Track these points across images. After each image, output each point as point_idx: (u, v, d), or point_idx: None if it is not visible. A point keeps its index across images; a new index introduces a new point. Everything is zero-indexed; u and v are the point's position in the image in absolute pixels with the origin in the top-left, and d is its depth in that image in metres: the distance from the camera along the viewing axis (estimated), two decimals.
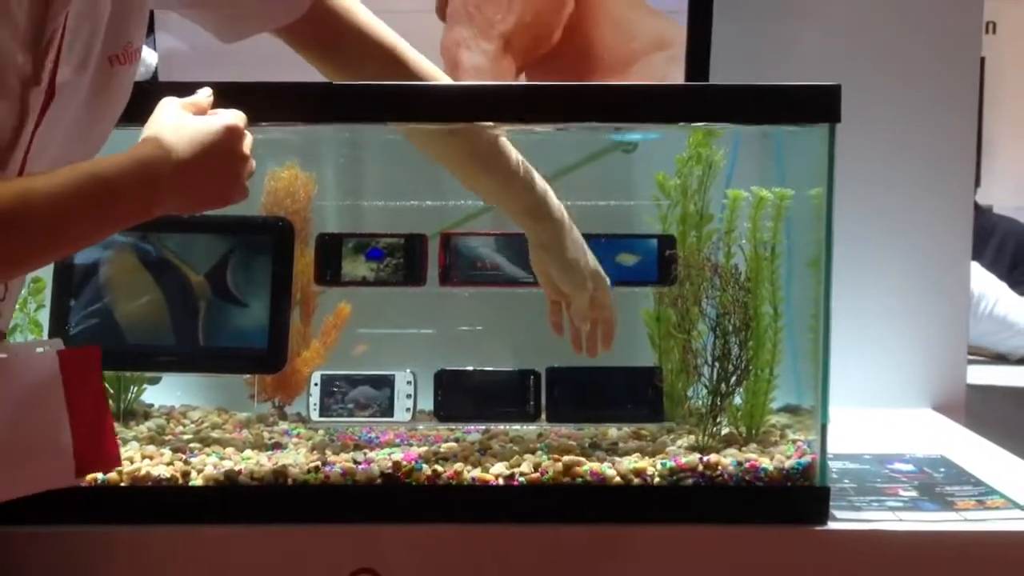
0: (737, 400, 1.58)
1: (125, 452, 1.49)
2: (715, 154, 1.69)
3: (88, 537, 1.39)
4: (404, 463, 1.46)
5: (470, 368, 1.66)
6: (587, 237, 1.62)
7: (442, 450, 1.52)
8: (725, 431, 1.58)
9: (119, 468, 1.36)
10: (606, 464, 1.47)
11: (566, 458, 1.47)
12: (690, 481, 1.45)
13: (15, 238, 0.95)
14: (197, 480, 1.43)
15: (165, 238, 1.59)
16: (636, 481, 1.45)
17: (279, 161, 1.75)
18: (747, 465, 1.44)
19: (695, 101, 1.55)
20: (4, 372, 1.07)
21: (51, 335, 1.54)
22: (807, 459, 1.45)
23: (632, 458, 1.48)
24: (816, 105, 1.44)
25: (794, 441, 1.54)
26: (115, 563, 1.39)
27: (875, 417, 1.98)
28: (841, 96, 1.42)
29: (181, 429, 1.66)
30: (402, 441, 1.60)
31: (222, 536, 1.40)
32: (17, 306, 1.62)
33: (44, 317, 1.58)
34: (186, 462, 1.46)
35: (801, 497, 1.42)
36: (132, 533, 1.39)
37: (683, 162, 1.71)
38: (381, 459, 1.47)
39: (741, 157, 1.76)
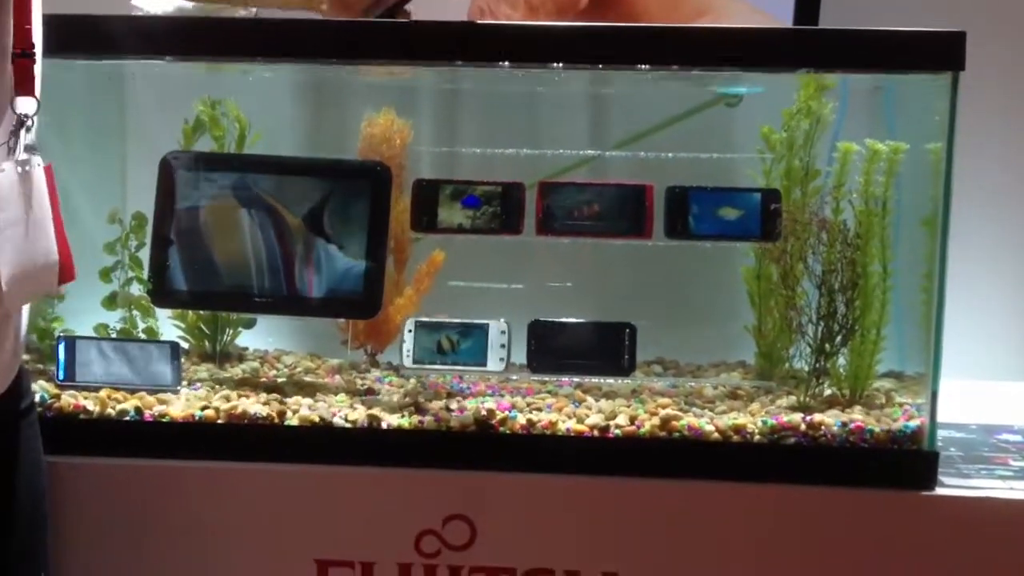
0: (841, 361, 1.53)
1: (222, 391, 1.50)
2: (824, 107, 1.63)
3: (181, 472, 1.40)
4: (499, 411, 1.44)
5: (564, 320, 1.63)
6: (689, 189, 1.58)
7: (536, 400, 1.50)
8: (828, 392, 1.53)
9: None
10: (704, 419, 1.43)
11: (663, 412, 1.44)
12: (792, 440, 1.41)
13: None
14: (293, 420, 1.42)
15: (263, 180, 1.58)
16: (735, 438, 1.41)
17: (376, 107, 1.73)
18: (852, 426, 1.40)
19: (808, 46, 1.49)
20: (28, 183, 1.05)
21: (151, 274, 1.54)
22: (915, 423, 1.40)
23: (732, 415, 1.45)
24: (939, 52, 1.38)
25: (901, 404, 1.49)
26: (209, 498, 1.40)
27: (980, 388, 1.91)
28: (965, 44, 1.36)
29: (275, 373, 1.66)
30: (493, 392, 1.58)
31: (317, 475, 1.40)
32: (119, 243, 1.64)
33: (145, 255, 1.59)
34: (282, 402, 1.46)
35: (909, 461, 1.38)
36: (227, 469, 1.40)
37: (790, 115, 1.65)
38: (475, 407, 1.46)
39: (848, 111, 1.70)
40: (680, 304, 1.79)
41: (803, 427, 1.41)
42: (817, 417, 1.41)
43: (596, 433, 1.42)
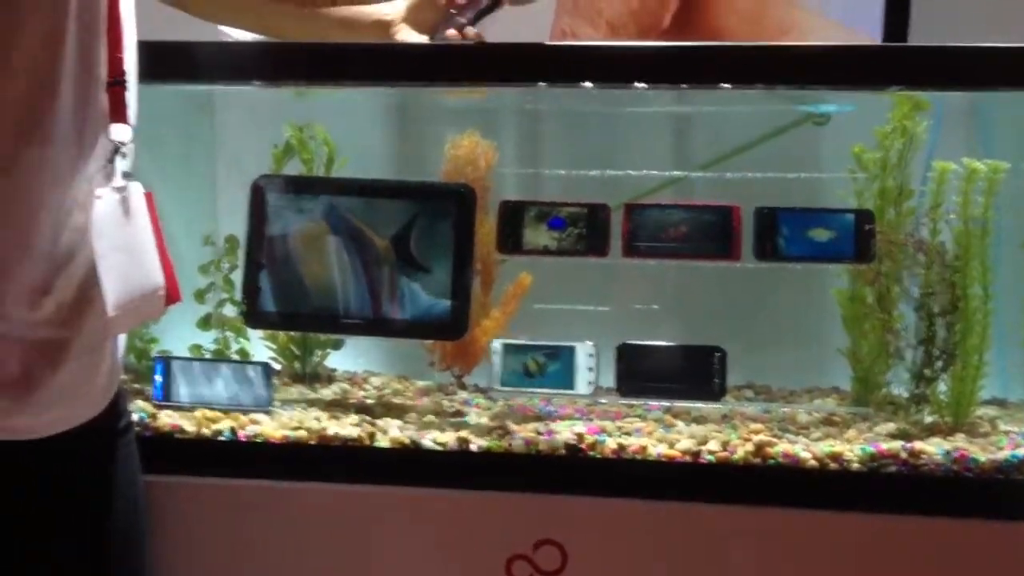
0: (941, 387, 1.49)
1: (311, 413, 1.50)
2: (918, 126, 1.60)
3: (273, 492, 1.40)
4: (588, 435, 1.43)
5: (653, 343, 1.61)
6: (778, 210, 1.56)
7: (625, 424, 1.49)
8: (928, 419, 1.49)
9: None
10: (800, 446, 1.40)
11: (757, 437, 1.41)
12: (892, 468, 1.37)
13: None
14: (383, 442, 1.42)
15: (351, 202, 1.59)
16: (833, 466, 1.38)
17: (461, 129, 1.73)
18: (956, 455, 1.36)
19: (899, 64, 1.46)
20: (127, 209, 1.05)
21: (244, 295, 1.56)
22: (1023, 452, 1.35)
23: (828, 442, 1.42)
24: None
25: (1006, 432, 1.44)
26: (301, 518, 1.40)
27: None
28: None
29: (363, 394, 1.67)
30: (581, 415, 1.57)
31: (407, 497, 1.39)
32: (211, 265, 1.67)
33: (237, 277, 1.60)
34: (371, 423, 1.46)
35: (1017, 491, 1.33)
36: (318, 490, 1.40)
37: (884, 134, 1.62)
38: (564, 430, 1.44)
39: (943, 128, 1.66)
40: (770, 327, 1.76)
41: (904, 455, 1.37)
42: (918, 445, 1.38)
43: (688, 458, 1.40)
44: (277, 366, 1.69)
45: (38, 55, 0.94)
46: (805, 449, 1.39)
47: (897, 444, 1.38)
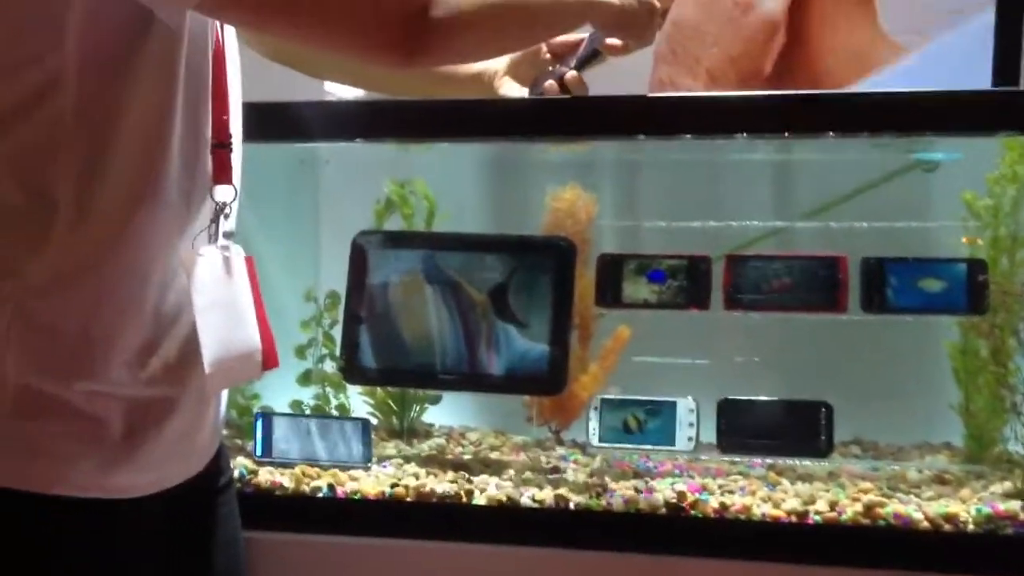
0: None
1: (410, 468, 1.50)
2: None
3: (371, 549, 1.40)
4: (689, 493, 1.39)
5: (756, 397, 1.57)
6: (886, 260, 1.52)
7: (728, 482, 1.45)
8: None
9: None
10: (912, 507, 1.35)
11: (867, 497, 1.36)
12: (1010, 531, 1.30)
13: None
14: (480, 499, 1.41)
15: (449, 256, 1.60)
16: (946, 527, 1.32)
17: (561, 181, 1.73)
18: None
19: (1011, 108, 1.41)
20: (228, 269, 1.07)
21: (343, 350, 1.58)
22: None
23: (941, 502, 1.36)
24: None
25: None
26: (396, 575, 1.40)
27: None
28: None
29: (460, 449, 1.67)
30: (681, 471, 1.54)
31: (504, 556, 1.38)
32: (312, 321, 1.69)
33: (338, 333, 1.62)
34: (469, 480, 1.45)
35: None
36: (416, 548, 1.40)
37: (995, 180, 1.56)
38: (664, 488, 1.41)
39: None
40: (878, 381, 1.70)
41: (1023, 516, 1.30)
42: None
43: (794, 519, 1.35)
44: (375, 421, 1.70)
45: (149, 123, 0.96)
46: (917, 510, 1.34)
47: (1015, 504, 1.32)
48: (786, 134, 1.52)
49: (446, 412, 1.78)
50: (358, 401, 1.70)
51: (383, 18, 0.98)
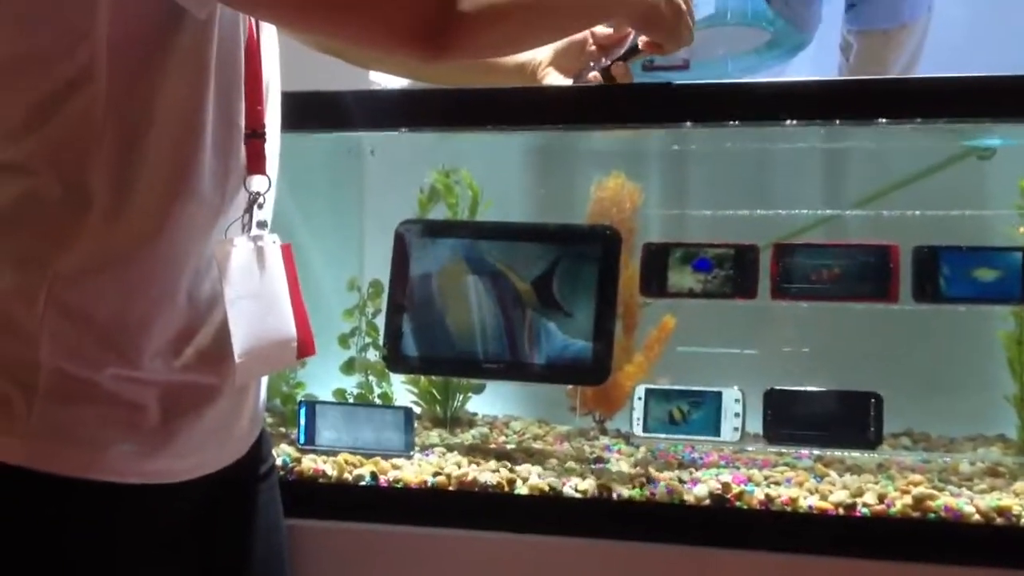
0: None
1: (453, 458, 1.50)
2: None
3: (413, 538, 1.40)
4: (734, 485, 1.38)
5: (803, 388, 1.55)
6: (939, 249, 1.49)
7: (774, 474, 1.43)
8: None
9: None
10: (963, 500, 1.32)
11: (917, 490, 1.33)
12: None
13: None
14: (523, 489, 1.41)
15: (493, 246, 1.59)
16: (999, 520, 1.29)
17: (606, 170, 1.72)
18: None
19: None
20: (261, 259, 1.07)
21: (386, 339, 1.58)
22: None
23: (994, 495, 1.33)
24: None
25: None
26: (437, 564, 1.40)
27: None
28: None
29: (504, 439, 1.66)
30: (727, 463, 1.52)
31: (547, 546, 1.37)
32: (356, 309, 1.69)
33: (381, 322, 1.62)
34: (511, 470, 1.45)
35: None
36: (458, 537, 1.39)
37: None
38: (709, 479, 1.40)
39: None
40: (930, 372, 1.67)
41: None
42: None
43: (841, 511, 1.33)
44: (418, 410, 1.70)
45: (182, 115, 0.97)
46: (969, 502, 1.31)
47: None
48: (837, 121, 1.49)
49: (489, 401, 1.78)
50: (401, 390, 1.70)
51: (412, 12, 0.98)
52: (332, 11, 0.97)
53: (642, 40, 1.37)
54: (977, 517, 1.29)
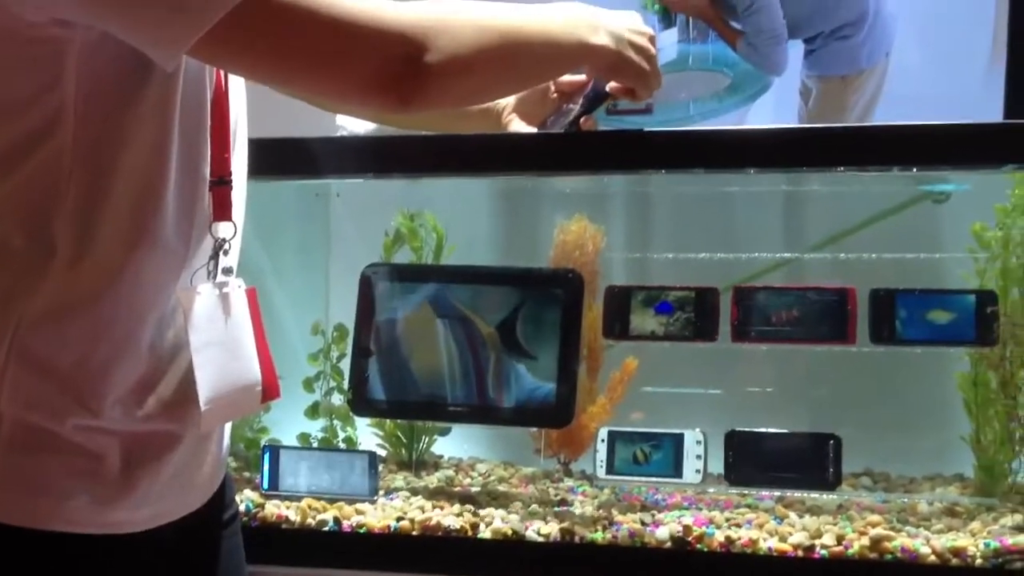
0: None
1: (416, 501, 1.51)
2: None
3: None
4: (695, 527, 1.39)
5: (764, 430, 1.57)
6: (895, 292, 1.52)
7: (735, 515, 1.45)
8: None
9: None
10: (919, 540, 1.34)
11: (874, 531, 1.35)
12: (1018, 565, 1.29)
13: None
14: (486, 533, 1.41)
15: (458, 289, 1.61)
16: (954, 561, 1.31)
17: (569, 213, 1.74)
18: None
19: (1019, 141, 1.41)
20: (226, 305, 1.07)
21: (351, 383, 1.59)
22: None
23: (950, 535, 1.35)
24: None
25: None
26: None
27: None
28: None
29: (469, 481, 1.67)
30: (690, 504, 1.53)
31: None
32: (320, 354, 1.70)
33: (346, 365, 1.63)
34: (475, 514, 1.45)
35: None
36: None
37: (1005, 211, 1.56)
38: (671, 521, 1.41)
39: None
40: (889, 412, 1.69)
41: None
42: None
43: (800, 553, 1.35)
44: (383, 453, 1.70)
45: (146, 164, 0.97)
46: (925, 543, 1.33)
47: None
48: (799, 169, 1.53)
49: (456, 443, 1.79)
50: (367, 433, 1.70)
51: (379, 65, 0.98)
52: (301, 65, 0.98)
53: (612, 86, 1.38)
54: (933, 558, 1.31)
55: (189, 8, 0.89)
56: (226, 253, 1.06)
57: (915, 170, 1.52)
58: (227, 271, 1.07)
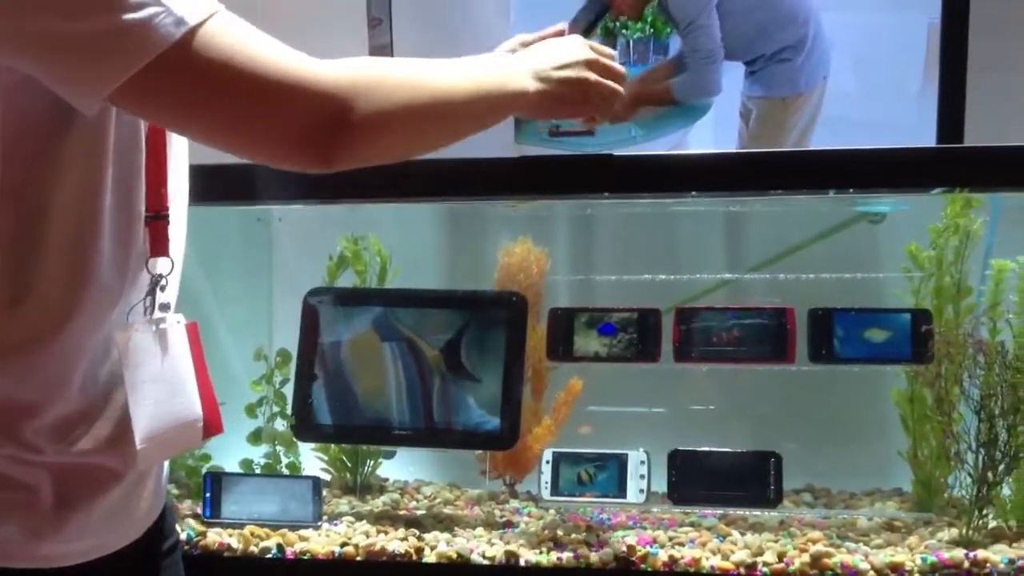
0: (1005, 491, 1.43)
1: (361, 527, 1.50)
2: (973, 223, 1.57)
3: None
4: (639, 547, 1.40)
5: (706, 448, 1.59)
6: (833, 311, 1.55)
7: (679, 534, 1.46)
8: (992, 524, 1.43)
9: None
10: (858, 556, 1.36)
11: (815, 548, 1.37)
12: None
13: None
14: (431, 557, 1.41)
15: (402, 313, 1.61)
16: None
17: (513, 236, 1.75)
18: (1021, 563, 1.30)
19: (951, 165, 1.45)
20: (164, 342, 1.06)
21: (295, 408, 1.58)
22: None
23: (888, 551, 1.37)
24: None
25: None
26: None
27: None
28: None
29: (415, 504, 1.66)
30: (635, 523, 1.54)
31: None
32: (263, 379, 1.69)
33: (289, 391, 1.62)
34: (420, 538, 1.45)
35: None
36: None
37: (938, 232, 1.59)
38: (615, 541, 1.42)
39: (1000, 225, 1.63)
40: (829, 429, 1.72)
41: (966, 564, 1.32)
42: (981, 554, 1.32)
43: (742, 571, 1.36)
44: (327, 477, 1.70)
45: (79, 204, 0.96)
46: (864, 559, 1.35)
47: (959, 553, 1.33)
48: (741, 193, 1.55)
49: (401, 465, 1.78)
50: (310, 458, 1.69)
51: (302, 123, 0.96)
52: (222, 121, 0.94)
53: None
54: (872, 574, 1.33)
55: (109, 56, 0.88)
56: (163, 289, 1.05)
57: (851, 191, 1.55)
58: (164, 307, 1.05)
